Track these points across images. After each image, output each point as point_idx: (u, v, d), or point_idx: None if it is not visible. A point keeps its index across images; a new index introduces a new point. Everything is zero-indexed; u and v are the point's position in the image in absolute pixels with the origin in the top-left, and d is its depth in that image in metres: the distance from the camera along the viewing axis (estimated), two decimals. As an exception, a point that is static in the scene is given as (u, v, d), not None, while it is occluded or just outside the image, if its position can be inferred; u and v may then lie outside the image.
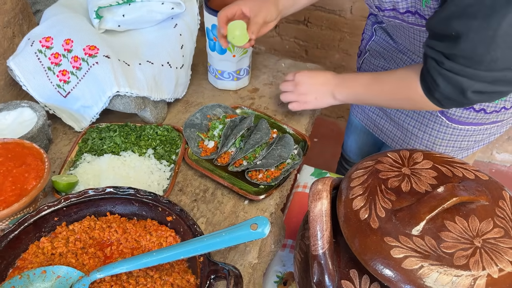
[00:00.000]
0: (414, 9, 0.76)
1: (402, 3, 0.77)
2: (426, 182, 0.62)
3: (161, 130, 0.92)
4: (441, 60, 0.70)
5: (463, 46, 0.66)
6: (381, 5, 0.81)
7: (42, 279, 0.61)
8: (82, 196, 0.69)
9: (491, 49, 0.64)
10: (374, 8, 0.84)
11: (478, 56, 0.66)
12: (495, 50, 0.64)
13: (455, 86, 0.71)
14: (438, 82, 0.72)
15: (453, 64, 0.69)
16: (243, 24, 0.88)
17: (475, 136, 0.99)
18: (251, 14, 0.89)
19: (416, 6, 0.75)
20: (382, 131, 1.16)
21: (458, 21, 0.64)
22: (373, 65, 1.11)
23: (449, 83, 0.71)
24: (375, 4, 0.82)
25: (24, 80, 0.90)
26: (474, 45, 0.65)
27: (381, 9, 0.82)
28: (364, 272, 0.59)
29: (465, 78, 0.69)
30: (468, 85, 0.69)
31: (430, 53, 0.72)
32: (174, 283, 0.61)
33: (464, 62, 0.68)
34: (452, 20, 0.65)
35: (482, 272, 0.52)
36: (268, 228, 0.60)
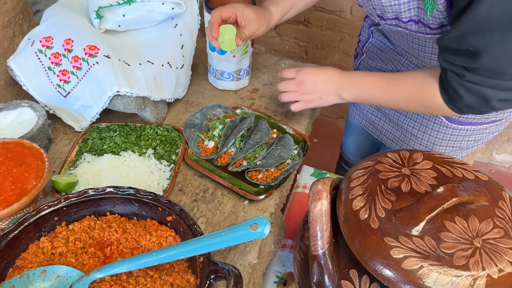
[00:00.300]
0: (418, 18, 0.75)
1: (405, 13, 0.76)
2: (426, 183, 0.62)
3: (161, 130, 0.93)
4: (462, 73, 0.70)
5: (484, 61, 0.65)
6: (383, 15, 0.80)
7: (42, 279, 0.61)
8: (82, 196, 0.69)
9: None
10: (375, 16, 0.84)
11: (501, 68, 0.66)
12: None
13: (479, 96, 0.71)
14: (461, 93, 0.72)
15: (475, 76, 0.68)
16: (234, 29, 0.86)
17: (475, 135, 0.99)
18: (242, 24, 0.88)
19: (419, 15, 0.75)
20: (381, 132, 1.16)
21: (475, 37, 0.64)
22: (370, 67, 1.11)
23: (473, 94, 0.71)
24: (377, 13, 0.82)
25: (24, 80, 0.90)
26: (496, 58, 0.64)
27: (383, 18, 0.81)
28: (364, 272, 0.59)
29: (489, 89, 0.69)
30: (492, 95, 0.69)
31: (449, 67, 0.71)
32: (174, 283, 0.61)
33: (486, 73, 0.67)
34: (468, 36, 0.64)
35: (482, 272, 0.52)
36: (268, 228, 0.60)
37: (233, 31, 0.86)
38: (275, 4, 0.95)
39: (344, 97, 0.88)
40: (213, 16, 0.86)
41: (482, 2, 0.60)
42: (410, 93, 0.81)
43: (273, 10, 0.94)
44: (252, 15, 0.88)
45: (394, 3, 0.75)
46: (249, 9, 0.88)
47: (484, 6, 0.60)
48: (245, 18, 0.87)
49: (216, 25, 0.85)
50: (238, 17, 0.87)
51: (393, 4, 0.75)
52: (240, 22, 0.88)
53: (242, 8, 0.87)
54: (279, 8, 0.95)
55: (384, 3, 0.76)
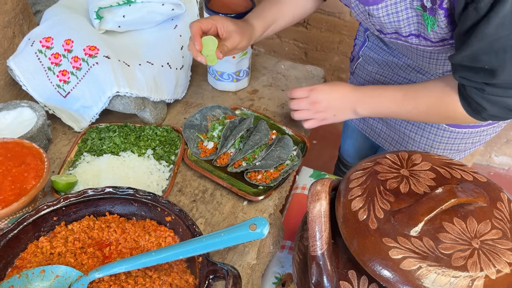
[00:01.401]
0: (418, 32, 0.76)
1: (405, 28, 0.76)
2: (424, 184, 0.62)
3: (161, 130, 0.93)
4: (482, 88, 0.71)
5: (502, 77, 0.66)
6: (382, 30, 0.81)
7: (41, 279, 0.61)
8: (81, 196, 0.69)
9: None
10: (375, 31, 0.84)
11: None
12: None
13: (503, 107, 0.72)
14: (484, 106, 0.73)
15: (496, 89, 0.69)
16: (215, 41, 0.83)
17: (472, 138, 0.99)
18: (224, 36, 0.85)
19: (420, 30, 0.75)
20: (379, 135, 1.16)
21: (488, 57, 0.64)
22: (367, 71, 1.11)
23: (496, 105, 0.72)
24: (376, 28, 0.82)
25: (24, 80, 0.90)
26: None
27: (383, 32, 0.82)
28: (363, 273, 0.59)
29: (511, 99, 0.70)
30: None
31: (467, 83, 0.72)
32: (172, 283, 0.61)
33: (506, 85, 0.68)
34: (480, 56, 0.65)
35: (480, 273, 0.52)
36: (267, 228, 0.60)
37: (215, 42, 0.83)
38: (257, 18, 0.93)
39: (360, 113, 0.87)
40: (192, 28, 0.82)
41: (490, 22, 0.60)
42: (430, 105, 0.80)
43: (255, 24, 0.92)
44: (233, 28, 0.85)
45: (393, 20, 0.75)
46: (229, 22, 0.86)
47: (493, 26, 0.60)
48: (226, 30, 0.85)
49: (197, 36, 0.82)
50: (218, 29, 0.85)
51: (393, 21, 0.76)
52: (221, 34, 0.86)
53: (222, 20, 0.85)
54: (261, 23, 0.93)
55: (383, 21, 0.77)
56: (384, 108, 0.85)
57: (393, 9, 0.73)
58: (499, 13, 0.59)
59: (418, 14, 0.72)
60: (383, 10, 0.75)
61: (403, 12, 0.73)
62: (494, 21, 0.60)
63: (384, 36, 0.83)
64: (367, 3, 0.76)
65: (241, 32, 0.86)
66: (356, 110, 0.87)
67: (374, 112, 0.86)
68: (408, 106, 0.82)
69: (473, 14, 0.62)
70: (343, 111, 0.88)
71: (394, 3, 0.73)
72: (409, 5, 0.71)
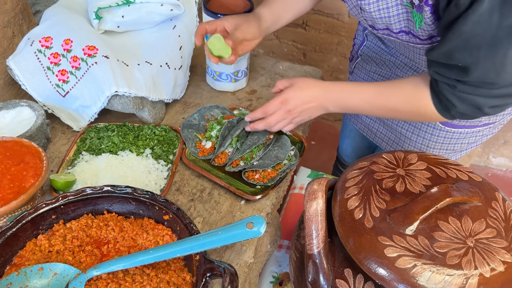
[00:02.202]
0: (408, 29, 0.77)
1: (395, 24, 0.77)
2: (420, 183, 0.63)
3: (159, 130, 0.93)
4: (453, 84, 0.72)
5: (474, 75, 0.67)
6: (374, 25, 0.82)
7: (39, 276, 0.62)
8: (79, 194, 0.70)
9: (502, 71, 0.66)
10: (367, 26, 0.85)
11: (490, 79, 0.68)
12: (506, 71, 0.66)
13: (471, 104, 0.73)
14: (453, 102, 0.74)
15: (467, 87, 0.71)
16: (220, 38, 0.87)
17: (468, 138, 1.00)
18: (230, 29, 0.89)
19: (409, 27, 0.76)
20: (376, 134, 1.17)
21: (463, 54, 0.66)
22: (365, 70, 1.12)
23: (465, 102, 0.73)
24: (369, 23, 0.83)
25: (24, 80, 0.91)
26: (485, 72, 0.66)
27: (375, 28, 0.83)
28: (359, 271, 0.60)
29: (480, 97, 0.71)
30: (484, 103, 0.72)
31: (440, 78, 0.73)
32: (170, 281, 0.62)
33: (476, 84, 0.69)
34: (455, 53, 0.66)
35: (474, 271, 0.53)
36: (263, 227, 0.60)
37: (220, 38, 0.86)
38: (264, 8, 0.96)
39: (331, 110, 0.88)
40: (197, 28, 0.89)
41: (467, 19, 0.61)
42: (400, 103, 0.81)
43: (261, 13, 0.94)
44: (238, 19, 0.89)
45: (384, 15, 0.76)
46: (236, 17, 0.90)
47: (469, 23, 0.62)
48: (231, 24, 0.89)
49: (198, 35, 0.88)
50: (226, 26, 0.89)
51: (384, 16, 0.77)
52: (229, 30, 0.89)
53: (228, 18, 0.89)
54: (268, 12, 0.95)
55: (374, 16, 0.78)
56: (355, 106, 0.86)
57: (383, 4, 0.74)
58: (476, 11, 0.60)
59: (408, 11, 0.73)
60: (374, 5, 0.76)
61: (393, 8, 0.74)
62: (471, 18, 0.61)
63: (376, 32, 0.84)
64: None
65: (247, 20, 0.90)
66: (327, 108, 0.88)
67: (344, 110, 0.88)
68: (379, 104, 0.83)
69: (453, 10, 0.63)
70: (316, 111, 0.89)
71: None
72: (399, 1, 0.72)
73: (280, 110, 0.87)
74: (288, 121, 0.89)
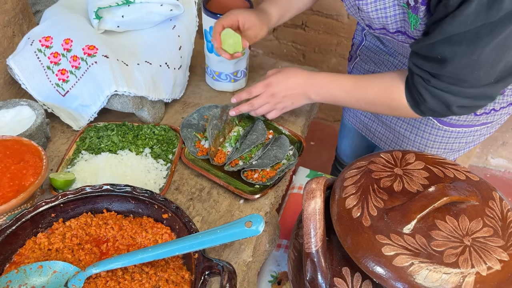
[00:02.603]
0: (404, 29, 0.78)
1: (392, 25, 0.79)
2: (417, 182, 0.63)
3: (158, 129, 0.93)
4: (427, 78, 0.74)
5: (449, 69, 0.70)
6: (371, 25, 0.83)
7: (39, 274, 0.62)
8: (79, 193, 0.70)
9: (475, 69, 0.68)
10: (364, 25, 0.86)
11: (463, 76, 0.70)
12: (478, 70, 0.68)
13: (441, 101, 0.75)
14: (425, 97, 0.76)
15: (439, 82, 0.73)
16: (233, 34, 0.89)
17: (466, 137, 1.00)
18: (245, 27, 0.91)
19: (405, 27, 0.77)
20: (374, 134, 1.17)
21: (444, 46, 0.68)
22: (364, 70, 1.13)
23: (436, 98, 0.75)
24: (365, 23, 0.84)
25: (23, 79, 0.91)
26: (460, 67, 0.69)
27: (372, 28, 0.84)
28: (356, 270, 0.60)
29: (450, 95, 0.74)
30: (453, 101, 0.74)
31: (416, 70, 0.75)
32: (169, 279, 0.62)
33: (449, 80, 0.72)
34: (437, 45, 0.69)
35: (471, 270, 0.53)
36: (262, 225, 0.61)
37: (233, 34, 0.89)
38: (273, 5, 0.97)
39: (313, 98, 0.91)
40: (215, 26, 0.90)
41: (454, 19, 0.63)
42: (376, 95, 0.84)
43: (271, 12, 0.96)
44: (254, 19, 0.91)
45: (381, 15, 0.77)
46: (251, 14, 0.91)
47: (456, 23, 0.64)
48: (247, 22, 0.90)
49: (217, 34, 0.89)
50: (240, 23, 0.90)
51: (380, 16, 0.78)
52: (242, 27, 0.91)
53: (243, 13, 0.90)
54: (276, 9, 0.97)
55: (371, 16, 0.79)
56: (335, 95, 0.88)
57: (381, 4, 0.75)
58: (463, 11, 0.62)
59: (404, 12, 0.74)
60: (371, 5, 0.77)
61: (390, 8, 0.75)
62: (458, 19, 0.63)
63: (373, 31, 0.85)
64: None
65: (261, 22, 0.92)
66: (309, 96, 0.90)
67: (326, 99, 0.90)
68: (356, 95, 0.86)
69: (442, 9, 0.65)
70: (298, 98, 0.91)
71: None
72: (396, 1, 0.73)
73: (264, 93, 0.91)
74: (271, 105, 0.92)
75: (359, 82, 0.86)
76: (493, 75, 0.70)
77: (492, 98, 0.75)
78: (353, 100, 0.87)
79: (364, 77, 0.86)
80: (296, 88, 0.89)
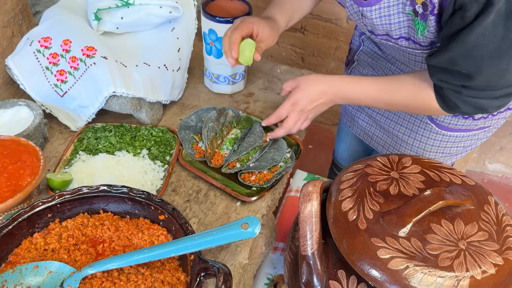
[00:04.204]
0: (408, 35, 0.78)
1: (395, 31, 0.79)
2: (414, 186, 0.63)
3: (156, 131, 0.94)
4: (458, 90, 0.75)
5: (478, 81, 0.70)
6: (374, 31, 0.83)
7: (34, 274, 0.62)
8: (76, 193, 0.70)
9: (504, 75, 0.69)
10: (366, 31, 0.86)
11: (493, 83, 0.71)
12: (508, 75, 0.69)
13: (476, 107, 0.76)
14: (459, 105, 0.77)
15: (471, 91, 0.74)
16: (253, 44, 0.88)
17: (464, 142, 1.01)
18: (258, 38, 0.90)
19: (410, 33, 0.77)
20: (372, 138, 1.17)
21: (466, 62, 0.68)
22: (361, 75, 1.13)
23: (469, 105, 0.76)
24: (368, 29, 0.84)
25: (22, 79, 0.91)
26: (489, 77, 0.70)
27: (374, 33, 0.84)
28: (352, 272, 0.60)
29: (484, 100, 0.74)
30: (488, 105, 0.75)
31: (445, 86, 0.76)
32: (164, 280, 0.62)
33: (480, 87, 0.73)
34: (458, 61, 0.69)
35: (465, 273, 0.53)
36: (258, 227, 0.61)
37: (253, 45, 0.88)
38: (281, 14, 0.97)
39: (339, 102, 0.91)
40: (233, 36, 0.87)
41: (472, 31, 0.63)
42: (405, 100, 0.84)
43: (279, 20, 0.96)
44: (268, 30, 0.91)
45: (385, 22, 0.78)
46: (265, 25, 0.90)
47: (474, 35, 0.64)
48: (261, 33, 0.90)
49: (236, 45, 0.87)
50: (254, 32, 0.90)
51: (384, 23, 0.78)
52: (255, 36, 0.90)
53: (259, 23, 0.89)
54: (284, 18, 0.98)
55: (375, 22, 0.79)
56: (360, 100, 0.89)
57: (386, 12, 0.76)
58: (481, 23, 0.62)
59: (410, 19, 0.74)
60: (376, 12, 0.77)
61: (395, 16, 0.75)
62: (477, 30, 0.63)
63: (375, 37, 0.85)
64: (362, 4, 0.78)
65: (272, 33, 0.92)
66: (335, 101, 0.91)
67: (349, 102, 0.91)
68: (383, 99, 0.86)
69: (459, 21, 0.65)
70: (326, 105, 0.91)
71: (387, 6, 0.75)
72: (401, 9, 0.73)
73: (293, 112, 0.90)
74: (304, 119, 0.92)
75: (384, 86, 0.85)
76: None
77: None
78: (381, 104, 0.87)
79: (390, 81, 0.85)
80: (322, 97, 0.89)
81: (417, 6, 0.71)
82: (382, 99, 0.85)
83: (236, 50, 0.87)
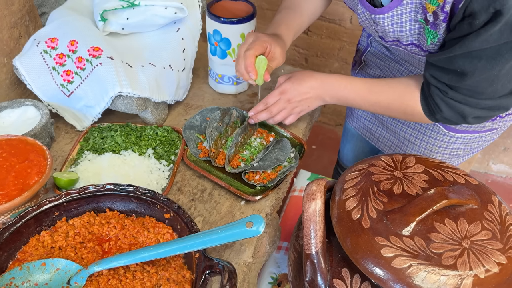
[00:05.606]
0: (418, 42, 0.79)
1: (406, 38, 0.79)
2: (417, 185, 0.64)
3: (161, 131, 0.94)
4: (445, 90, 0.75)
5: (468, 82, 0.71)
6: (384, 37, 0.84)
7: (42, 271, 0.63)
8: (82, 192, 0.71)
9: (494, 83, 0.70)
10: (377, 37, 0.87)
11: (481, 89, 0.72)
12: (497, 83, 0.70)
13: (457, 112, 0.76)
14: (441, 107, 0.77)
15: (456, 94, 0.74)
16: (266, 62, 0.88)
17: (471, 143, 1.01)
18: (270, 57, 0.90)
19: (420, 41, 0.78)
20: (378, 139, 1.18)
21: (464, 60, 0.69)
22: (369, 76, 1.13)
23: (452, 109, 0.76)
24: (379, 35, 0.85)
25: (29, 79, 0.92)
26: (479, 81, 0.70)
27: (384, 39, 0.85)
28: (356, 271, 0.61)
29: (467, 106, 0.75)
30: (469, 112, 0.76)
31: (434, 82, 0.76)
32: (170, 278, 0.63)
33: (467, 92, 0.73)
34: (457, 59, 0.70)
35: (469, 272, 0.54)
36: (262, 226, 0.61)
37: (266, 63, 0.88)
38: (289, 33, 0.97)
39: (328, 101, 0.92)
40: (247, 58, 0.86)
41: (478, 37, 0.64)
42: (391, 101, 0.85)
43: (287, 39, 0.96)
44: (279, 50, 0.90)
45: (396, 29, 0.78)
46: (277, 45, 0.90)
47: (479, 41, 0.65)
48: (273, 52, 0.90)
49: (253, 67, 0.87)
50: (267, 50, 0.89)
51: (396, 30, 0.79)
52: (267, 54, 0.90)
53: (272, 43, 0.89)
54: (291, 35, 0.98)
55: (386, 30, 0.80)
56: (349, 99, 0.90)
57: (398, 19, 0.76)
58: (489, 31, 0.63)
59: (421, 27, 0.75)
60: (388, 20, 0.77)
61: (407, 23, 0.76)
62: (482, 37, 0.64)
63: (385, 43, 0.86)
64: (374, 12, 0.79)
65: (282, 53, 0.92)
66: (324, 99, 0.92)
67: (340, 102, 0.91)
68: (371, 99, 0.87)
69: (466, 27, 0.66)
70: (314, 101, 0.92)
71: (399, 14, 0.75)
72: (414, 17, 0.74)
73: (280, 100, 0.92)
74: (289, 110, 0.93)
75: (374, 87, 0.86)
76: (509, 87, 0.71)
77: (506, 108, 0.76)
78: (367, 104, 0.88)
79: (379, 82, 0.86)
80: (311, 92, 0.90)
81: (428, 14, 0.71)
82: (370, 99, 0.87)
83: (255, 73, 0.88)
